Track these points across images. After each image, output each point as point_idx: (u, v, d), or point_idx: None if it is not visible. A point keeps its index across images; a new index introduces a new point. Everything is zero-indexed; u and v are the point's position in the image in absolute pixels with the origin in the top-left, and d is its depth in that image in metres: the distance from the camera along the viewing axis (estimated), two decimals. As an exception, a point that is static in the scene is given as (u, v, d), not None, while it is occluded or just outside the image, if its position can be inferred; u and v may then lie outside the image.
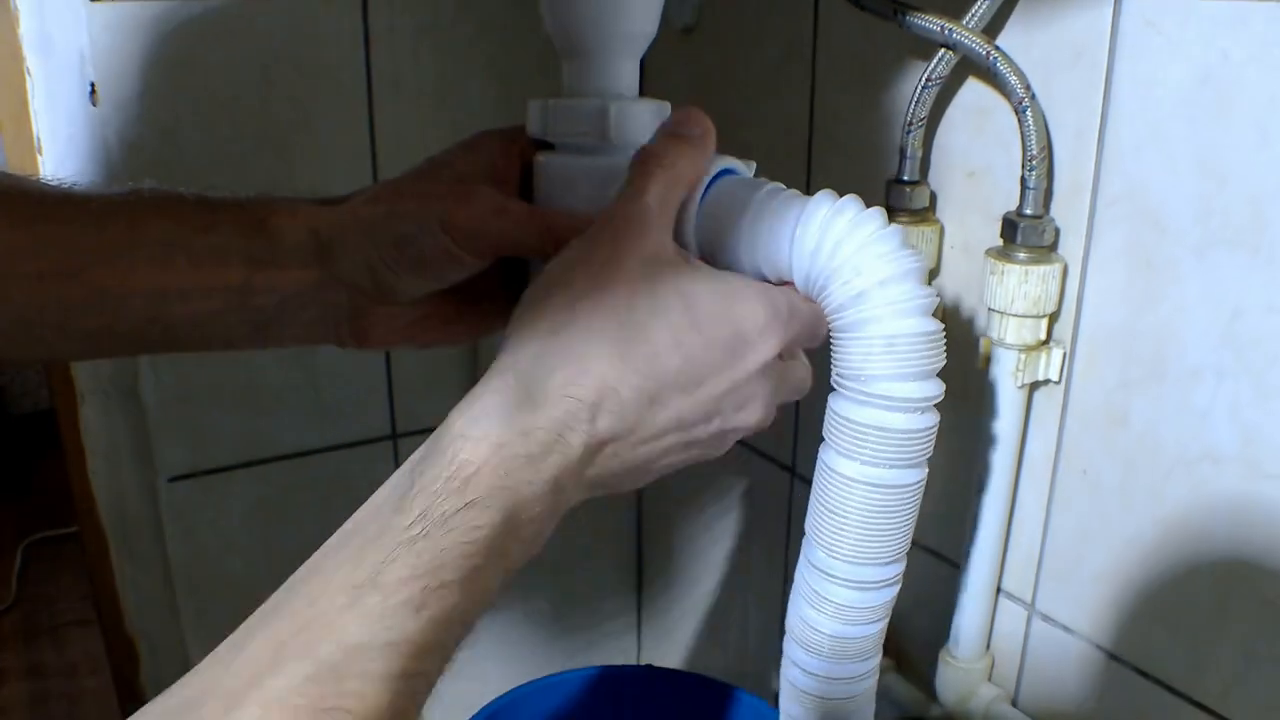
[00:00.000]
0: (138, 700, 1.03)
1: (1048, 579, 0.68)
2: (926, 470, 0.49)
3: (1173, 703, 0.61)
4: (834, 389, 0.48)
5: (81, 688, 1.69)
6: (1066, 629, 0.67)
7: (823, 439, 0.49)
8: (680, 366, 0.44)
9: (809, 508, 0.51)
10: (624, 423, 0.43)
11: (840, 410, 0.48)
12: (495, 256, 0.54)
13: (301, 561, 1.00)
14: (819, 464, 0.50)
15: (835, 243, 0.46)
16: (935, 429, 0.48)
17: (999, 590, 0.70)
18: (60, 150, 0.86)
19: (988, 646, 0.72)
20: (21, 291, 0.52)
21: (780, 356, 0.47)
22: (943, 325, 0.47)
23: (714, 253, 0.50)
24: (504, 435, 0.40)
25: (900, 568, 0.51)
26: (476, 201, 0.52)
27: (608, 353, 0.43)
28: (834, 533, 0.49)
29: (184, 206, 0.55)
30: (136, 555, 0.98)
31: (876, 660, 0.53)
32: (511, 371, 0.42)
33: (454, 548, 0.38)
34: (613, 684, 0.92)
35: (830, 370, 0.48)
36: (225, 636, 1.06)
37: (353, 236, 0.53)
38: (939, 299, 0.46)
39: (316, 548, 1.05)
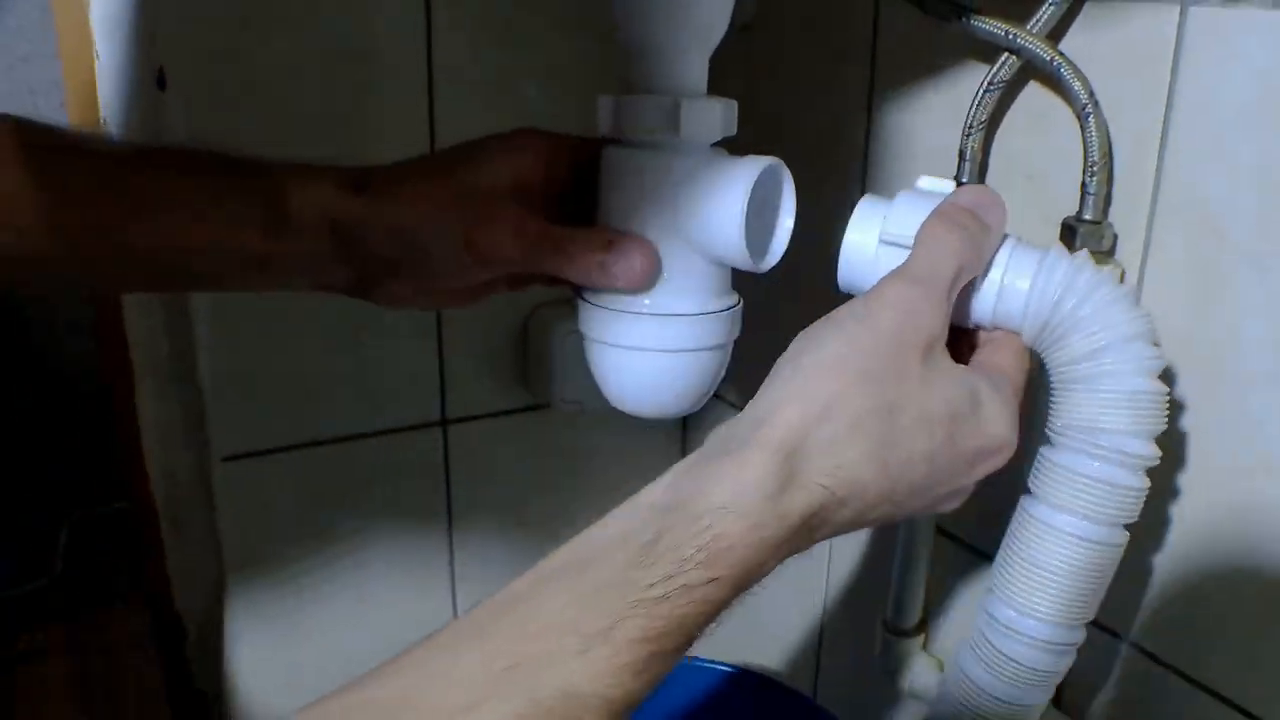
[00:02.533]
0: (183, 677, 1.05)
1: (1094, 582, 0.68)
2: (1128, 535, 0.49)
3: (1219, 709, 0.61)
4: (1051, 441, 0.49)
5: (125, 664, 1.71)
6: (1112, 633, 0.67)
7: (1028, 491, 0.50)
8: (926, 475, 0.44)
9: (998, 564, 0.51)
10: (859, 515, 0.44)
11: (1062, 462, 0.48)
12: (509, 273, 0.56)
13: (348, 544, 1.00)
14: (1023, 517, 0.50)
15: (1080, 297, 0.47)
16: (1146, 493, 0.48)
17: (1045, 592, 0.71)
18: (126, 132, 0.88)
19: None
20: (50, 242, 0.54)
21: None
22: (1167, 389, 0.47)
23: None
24: (763, 517, 0.40)
25: (1083, 635, 0.51)
26: (498, 225, 0.54)
27: (867, 455, 0.42)
28: (1034, 590, 0.49)
29: (204, 170, 0.56)
30: (187, 534, 1.00)
31: None
32: (776, 451, 0.41)
33: (690, 617, 0.39)
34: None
35: (1045, 421, 0.49)
36: (272, 616, 1.07)
37: (374, 234, 0.55)
38: (1165, 359, 0.48)
39: (364, 531, 1.05)
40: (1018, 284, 0.48)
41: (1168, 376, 0.48)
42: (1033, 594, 0.49)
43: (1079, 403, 0.47)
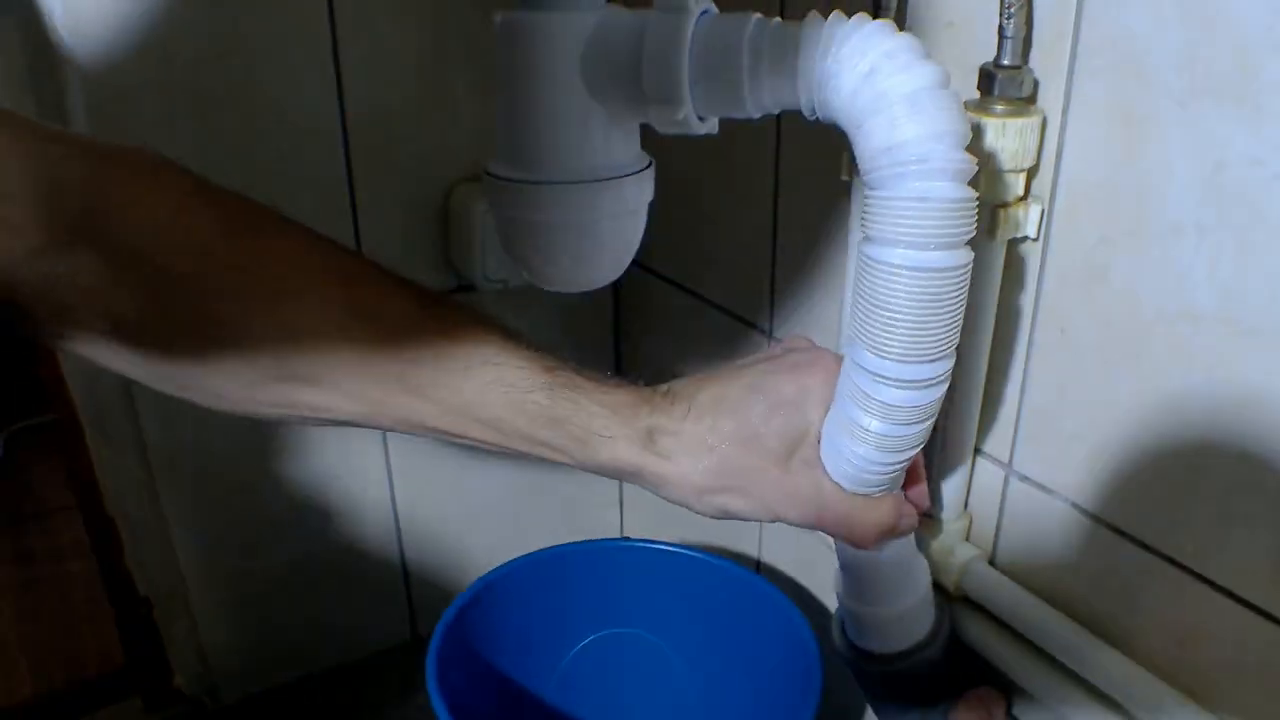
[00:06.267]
0: (123, 581, 1.03)
1: (1025, 439, 0.67)
2: (972, 254, 0.48)
3: (1149, 561, 0.61)
4: (869, 183, 0.47)
5: (70, 571, 1.70)
6: (1044, 489, 0.67)
7: (864, 234, 0.48)
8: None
9: (850, 311, 0.50)
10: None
11: (878, 192, 0.47)
12: None
13: (279, 436, 0.98)
14: (860, 260, 0.48)
15: (838, 39, 0.46)
16: (976, 202, 0.47)
17: (977, 451, 0.70)
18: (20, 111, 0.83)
19: (965, 506, 0.72)
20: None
21: None
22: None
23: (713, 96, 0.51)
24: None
25: (949, 364, 0.50)
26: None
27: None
28: (882, 331, 0.48)
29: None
30: (112, 440, 0.97)
31: (921, 446, 0.54)
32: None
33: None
34: (596, 558, 0.93)
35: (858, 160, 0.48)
36: (205, 513, 1.06)
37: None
38: (945, 70, 0.47)
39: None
40: (783, 54, 0.48)
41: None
42: (883, 335, 0.48)
43: (870, 130, 0.46)
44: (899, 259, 0.46)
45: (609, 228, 0.57)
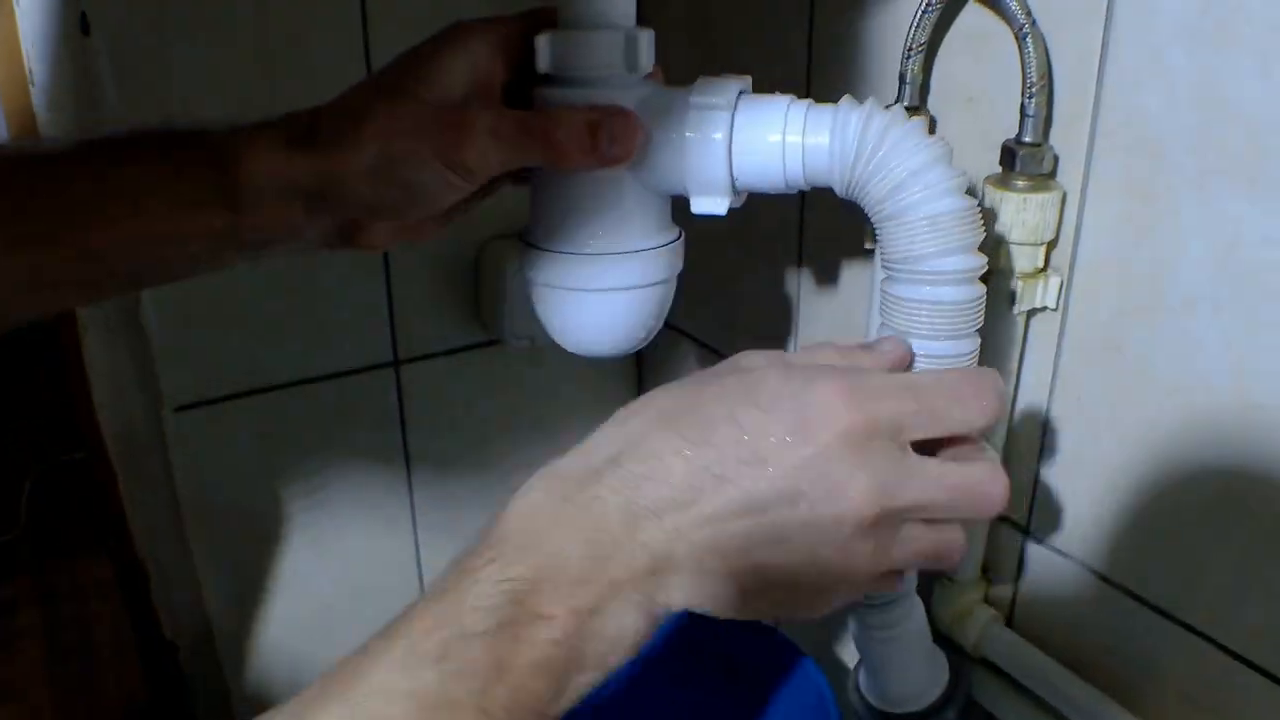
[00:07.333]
0: (150, 622, 1.04)
1: (1042, 504, 0.68)
2: (979, 340, 0.53)
3: (1164, 626, 0.62)
4: (885, 274, 0.53)
5: (94, 611, 1.71)
6: (1061, 553, 0.68)
7: (881, 321, 0.53)
8: (736, 437, 0.42)
9: None
10: (674, 491, 0.42)
11: (893, 291, 0.52)
12: (490, 178, 0.54)
13: (308, 488, 1.00)
14: None
15: (875, 142, 0.51)
16: (983, 299, 0.52)
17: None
18: (52, 82, 0.86)
19: (984, 570, 0.73)
20: (2, 258, 0.52)
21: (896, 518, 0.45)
22: (976, 201, 0.51)
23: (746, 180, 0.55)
24: (541, 501, 0.43)
25: None
26: (476, 134, 0.51)
27: (656, 427, 0.43)
28: None
29: (149, 149, 0.54)
30: (144, 482, 0.99)
31: None
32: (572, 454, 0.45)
33: (478, 599, 0.40)
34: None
35: (879, 257, 0.53)
36: (233, 559, 1.06)
37: (344, 186, 0.52)
38: (967, 176, 0.52)
39: (323, 474, 1.04)
40: (819, 142, 0.53)
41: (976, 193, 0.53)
42: None
43: (892, 237, 0.51)
44: (920, 349, 0.52)
45: (640, 297, 0.58)
